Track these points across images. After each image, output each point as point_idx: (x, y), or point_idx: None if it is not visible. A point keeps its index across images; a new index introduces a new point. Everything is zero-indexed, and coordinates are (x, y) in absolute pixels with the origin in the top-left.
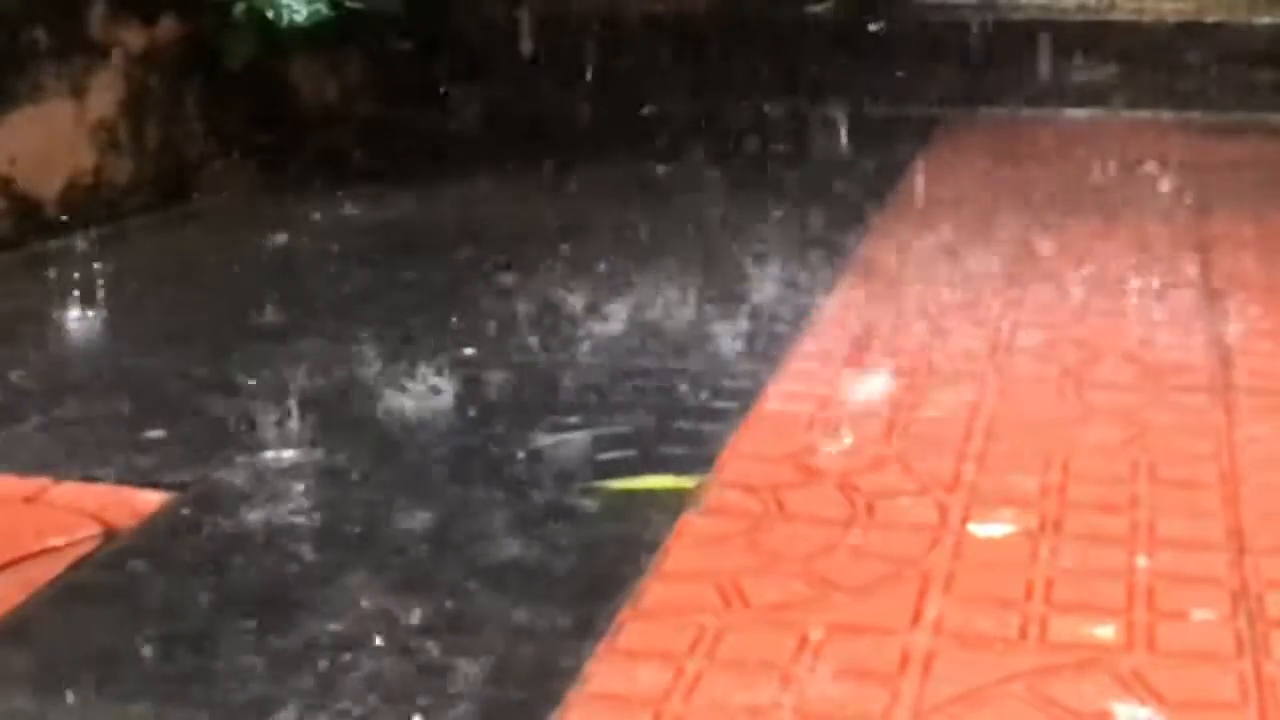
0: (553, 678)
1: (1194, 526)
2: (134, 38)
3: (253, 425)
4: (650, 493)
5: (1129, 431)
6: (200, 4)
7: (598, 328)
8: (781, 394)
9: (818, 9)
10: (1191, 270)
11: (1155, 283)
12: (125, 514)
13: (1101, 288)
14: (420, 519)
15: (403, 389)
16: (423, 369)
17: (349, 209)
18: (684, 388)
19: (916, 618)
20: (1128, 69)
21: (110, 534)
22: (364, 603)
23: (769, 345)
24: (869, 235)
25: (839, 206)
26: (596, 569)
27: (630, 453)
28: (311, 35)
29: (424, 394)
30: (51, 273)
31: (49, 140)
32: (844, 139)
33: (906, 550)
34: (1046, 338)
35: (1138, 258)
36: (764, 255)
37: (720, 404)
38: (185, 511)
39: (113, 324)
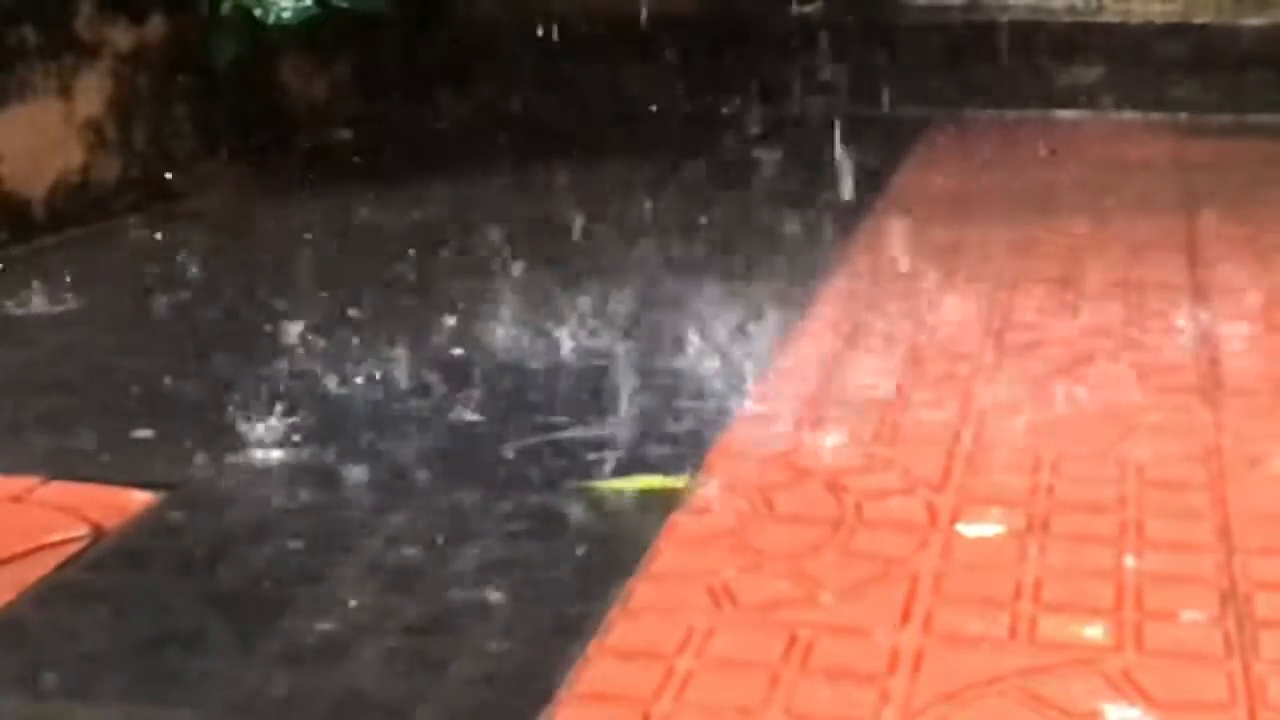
0: (542, 677)
1: (1182, 527)
2: (122, 37)
3: (240, 425)
4: (639, 493)
5: (1117, 431)
6: (188, 3)
7: (588, 326)
8: (770, 393)
9: (806, 10)
10: (1179, 269)
11: (1144, 282)
12: (113, 513)
13: (1090, 287)
14: (408, 518)
15: (392, 389)
16: (412, 368)
17: (338, 208)
18: (675, 386)
19: (905, 618)
20: (1115, 70)
21: (98, 533)
22: (352, 602)
23: (759, 343)
24: (859, 234)
25: (827, 207)
26: (586, 569)
27: (619, 453)
28: (300, 33)
29: (413, 394)
30: (38, 272)
31: (37, 139)
32: (830, 140)
33: (895, 550)
34: (1034, 338)
35: (1126, 257)
36: (755, 253)
37: (709, 403)
38: (172, 511)
39: (100, 324)
